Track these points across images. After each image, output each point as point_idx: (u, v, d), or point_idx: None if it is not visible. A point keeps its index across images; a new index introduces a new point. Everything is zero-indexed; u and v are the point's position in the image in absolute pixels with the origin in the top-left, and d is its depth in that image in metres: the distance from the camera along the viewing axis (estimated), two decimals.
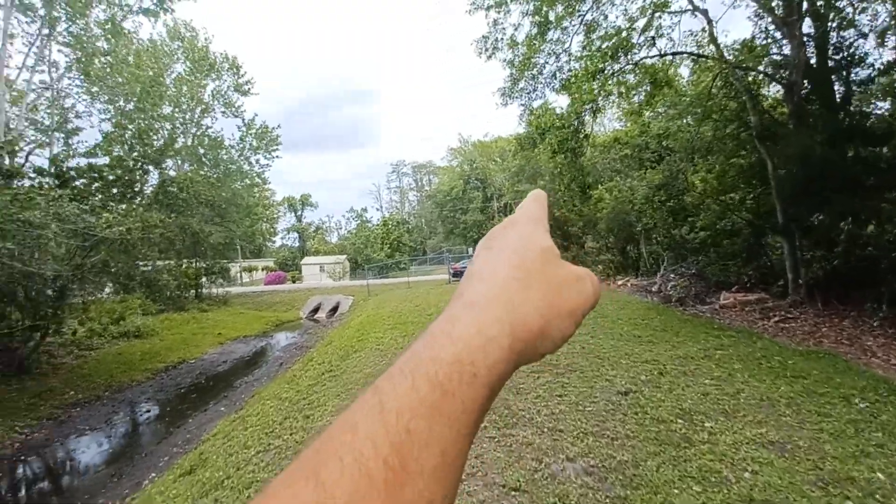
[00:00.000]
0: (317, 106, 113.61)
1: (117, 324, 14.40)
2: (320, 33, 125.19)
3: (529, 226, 0.42)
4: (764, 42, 10.81)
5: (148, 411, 9.58)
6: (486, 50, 12.55)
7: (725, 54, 10.95)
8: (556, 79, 12.26)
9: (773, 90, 12.39)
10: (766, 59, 10.74)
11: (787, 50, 10.19)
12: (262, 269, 55.18)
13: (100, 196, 12.95)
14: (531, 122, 23.82)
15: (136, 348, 14.38)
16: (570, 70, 12.01)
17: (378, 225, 58.11)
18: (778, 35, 10.27)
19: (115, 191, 13.31)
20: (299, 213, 77.61)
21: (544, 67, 12.23)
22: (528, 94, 12.87)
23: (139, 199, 15.06)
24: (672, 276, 15.04)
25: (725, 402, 4.87)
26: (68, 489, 6.48)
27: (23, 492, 6.54)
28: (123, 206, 12.93)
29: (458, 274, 26.84)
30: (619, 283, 18.03)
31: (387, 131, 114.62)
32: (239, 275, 52.28)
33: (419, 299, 17.31)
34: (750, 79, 10.99)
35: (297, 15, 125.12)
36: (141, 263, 24.89)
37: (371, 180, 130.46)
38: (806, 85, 9.83)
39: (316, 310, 25.91)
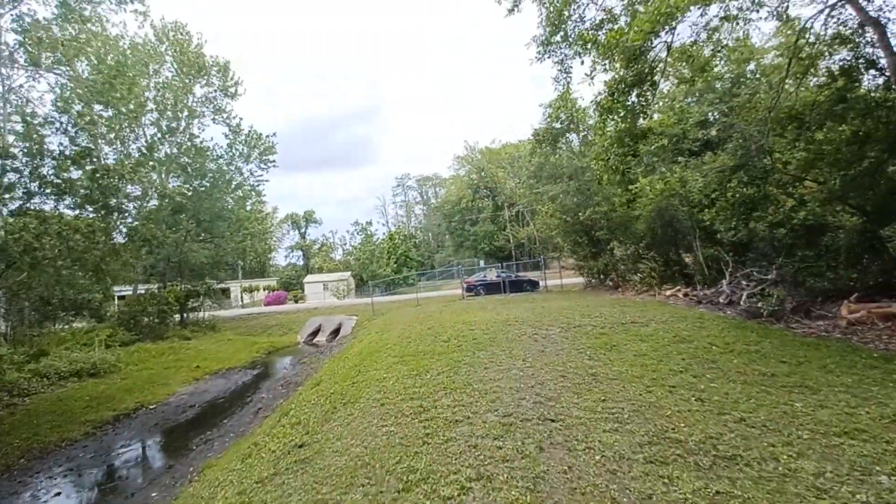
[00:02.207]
0: (320, 125, 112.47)
1: (37, 360, 11.71)
2: (319, 53, 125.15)
3: None
4: None
5: (57, 494, 6.79)
6: None
7: None
8: (601, 30, 9.37)
9: None
10: None
11: None
12: (264, 289, 52.71)
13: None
14: (555, 107, 21.35)
15: (85, 391, 11.67)
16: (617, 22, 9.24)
17: (384, 239, 55.60)
18: None
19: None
20: (303, 230, 75.51)
21: (584, 17, 9.42)
22: (565, 48, 10.02)
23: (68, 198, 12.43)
24: (745, 283, 12.13)
25: None
26: None
27: None
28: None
29: (471, 288, 23.99)
30: (668, 293, 15.13)
31: (392, 147, 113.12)
32: (239, 296, 49.87)
33: (431, 319, 14.49)
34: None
35: (296, 33, 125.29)
36: (120, 289, 22.34)
37: (378, 196, 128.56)
38: None
39: (315, 332, 23.23)
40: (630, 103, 8.85)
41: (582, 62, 9.35)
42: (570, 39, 9.08)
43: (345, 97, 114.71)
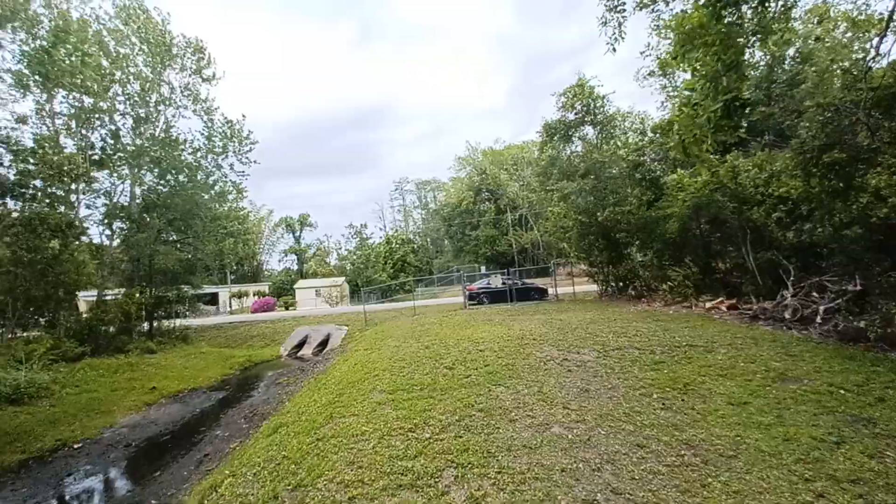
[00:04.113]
0: (319, 131, 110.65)
1: None
2: (320, 58, 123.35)
3: None
4: None
5: None
6: None
7: None
8: None
9: None
10: None
11: None
12: (255, 295, 50.21)
13: None
14: (569, 95, 19.20)
15: None
16: None
17: (380, 243, 53.20)
18: None
19: None
20: (297, 234, 73.13)
21: None
22: None
23: None
24: (816, 295, 9.87)
25: None
26: None
27: None
28: None
29: (474, 296, 21.72)
30: (708, 305, 12.91)
31: (392, 152, 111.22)
32: (227, 302, 47.40)
33: (429, 334, 12.19)
34: None
35: (296, 40, 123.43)
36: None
37: (376, 201, 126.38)
38: None
39: (301, 344, 20.85)
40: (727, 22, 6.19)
41: None
42: None
43: (343, 102, 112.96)
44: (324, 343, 19.95)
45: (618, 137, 19.82)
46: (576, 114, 19.54)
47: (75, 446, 8.85)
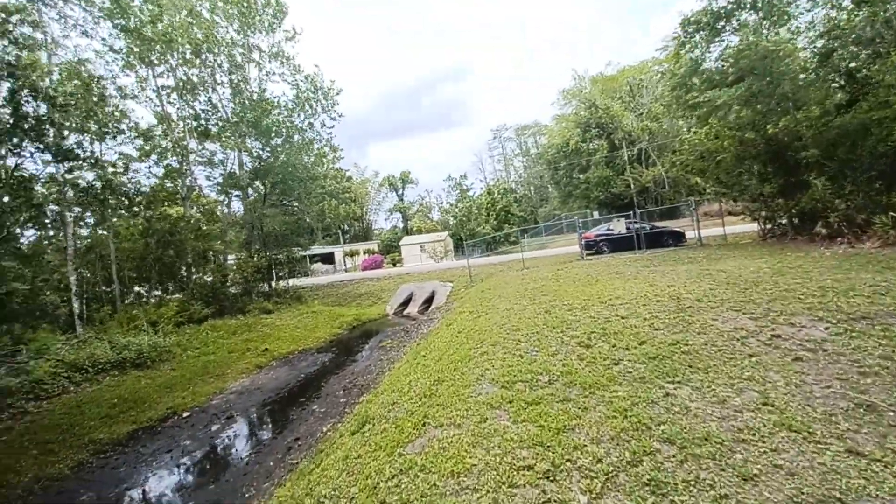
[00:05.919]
0: (409, 92, 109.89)
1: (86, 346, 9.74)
2: (402, 17, 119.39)
3: None
4: None
5: None
6: None
7: None
8: None
9: None
10: None
11: None
12: (365, 253, 52.39)
13: None
14: None
15: (119, 389, 9.59)
16: None
17: (481, 194, 50.99)
18: None
19: None
20: (400, 191, 74.32)
21: None
22: None
23: None
24: None
25: None
26: None
27: None
28: None
29: (591, 245, 18.78)
30: None
31: (486, 104, 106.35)
32: (342, 260, 50.14)
33: (546, 292, 9.94)
34: None
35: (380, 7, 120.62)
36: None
37: (475, 153, 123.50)
38: None
39: (406, 302, 20.29)
40: None
41: None
42: None
43: (432, 59, 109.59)
44: (429, 301, 19.01)
45: (794, 19, 14.39)
46: None
47: (184, 415, 8.66)
